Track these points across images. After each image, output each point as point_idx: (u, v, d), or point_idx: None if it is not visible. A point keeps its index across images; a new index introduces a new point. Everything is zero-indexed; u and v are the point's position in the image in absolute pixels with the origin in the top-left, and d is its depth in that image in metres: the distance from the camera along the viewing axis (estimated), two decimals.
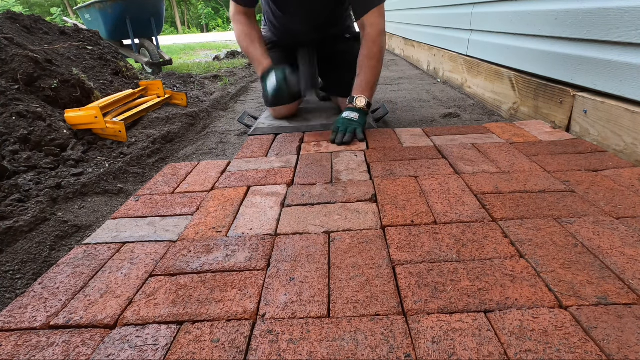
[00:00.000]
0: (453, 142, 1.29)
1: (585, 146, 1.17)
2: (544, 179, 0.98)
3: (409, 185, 1.00)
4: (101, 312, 0.63)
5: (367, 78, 1.46)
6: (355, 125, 1.40)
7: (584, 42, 1.27)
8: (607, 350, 0.50)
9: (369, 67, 1.46)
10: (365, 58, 1.45)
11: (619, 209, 0.83)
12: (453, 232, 0.78)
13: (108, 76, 2.22)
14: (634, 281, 0.61)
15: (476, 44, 2.11)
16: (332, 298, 0.63)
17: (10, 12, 2.24)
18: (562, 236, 0.74)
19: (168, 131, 1.68)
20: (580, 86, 1.29)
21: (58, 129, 1.49)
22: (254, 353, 0.53)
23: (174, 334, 0.57)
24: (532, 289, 0.61)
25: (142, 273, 0.72)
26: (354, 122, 1.41)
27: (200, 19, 29.95)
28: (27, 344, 0.57)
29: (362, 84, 1.46)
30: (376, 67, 1.47)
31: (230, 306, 0.62)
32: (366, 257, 0.72)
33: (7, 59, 1.68)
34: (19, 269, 0.81)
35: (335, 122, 1.45)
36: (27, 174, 1.23)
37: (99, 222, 1.00)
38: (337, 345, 0.54)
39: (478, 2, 2.08)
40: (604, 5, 1.17)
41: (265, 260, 0.74)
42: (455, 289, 0.62)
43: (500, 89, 1.82)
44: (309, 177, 1.09)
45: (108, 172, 1.27)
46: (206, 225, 0.88)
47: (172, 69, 3.87)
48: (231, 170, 1.18)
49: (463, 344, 0.52)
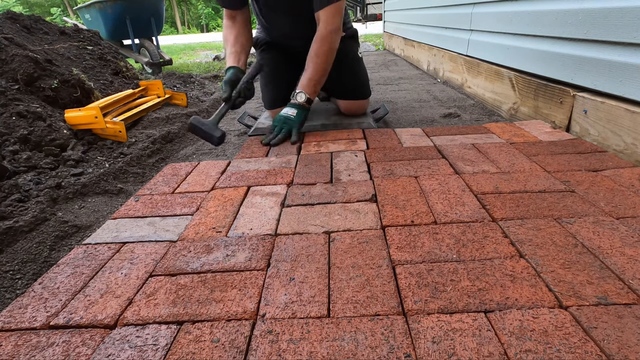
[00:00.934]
0: (453, 142, 1.29)
1: (585, 146, 1.17)
2: (544, 179, 0.98)
3: (409, 185, 1.00)
4: (101, 312, 0.63)
5: (310, 75, 1.45)
6: (291, 124, 1.43)
7: (584, 42, 1.27)
8: (607, 350, 0.50)
9: (314, 64, 1.45)
10: (314, 55, 1.45)
11: (619, 209, 0.83)
12: (453, 232, 0.78)
13: (108, 76, 2.22)
14: (634, 281, 0.61)
15: (476, 44, 2.11)
16: (332, 298, 0.63)
17: (10, 12, 2.24)
18: (562, 236, 0.74)
19: (168, 131, 1.68)
20: (580, 86, 1.29)
21: (58, 129, 1.49)
22: (254, 353, 0.53)
23: (174, 334, 0.57)
24: (532, 289, 0.61)
25: (142, 273, 0.72)
26: (290, 121, 1.44)
27: (200, 19, 29.95)
28: (27, 344, 0.57)
29: (304, 81, 1.46)
30: (321, 65, 1.45)
31: (230, 306, 0.62)
32: (366, 257, 0.72)
33: (7, 59, 1.68)
34: (19, 269, 0.81)
35: (273, 121, 1.49)
36: (27, 174, 1.23)
37: (99, 222, 1.00)
38: (337, 345, 0.54)
39: (478, 2, 2.08)
40: (604, 5, 1.17)
41: (265, 260, 0.74)
42: (455, 289, 0.62)
43: (500, 89, 1.82)
44: (309, 177, 1.09)
45: (108, 172, 1.27)
46: (206, 225, 0.88)
47: (172, 69, 3.87)
48: (231, 170, 1.18)
49: (463, 344, 0.52)
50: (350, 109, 1.69)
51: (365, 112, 1.73)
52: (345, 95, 1.69)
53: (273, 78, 1.71)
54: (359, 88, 1.69)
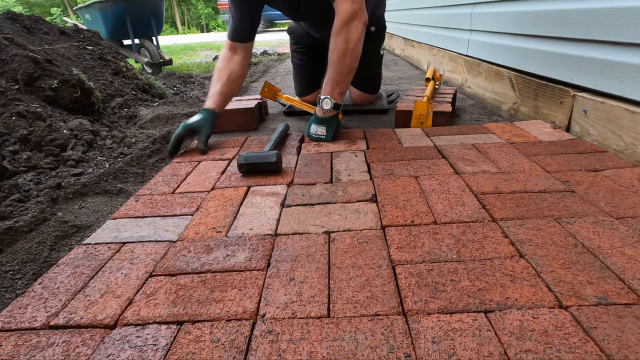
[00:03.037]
0: (453, 142, 1.29)
1: (585, 146, 1.17)
2: (544, 179, 0.98)
3: (409, 185, 1.00)
4: (101, 312, 0.63)
5: (331, 75, 1.32)
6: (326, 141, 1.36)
7: (584, 42, 1.27)
8: (607, 350, 0.50)
9: (332, 63, 1.31)
10: (331, 52, 1.30)
11: (619, 209, 0.83)
12: (453, 232, 0.78)
13: (108, 76, 2.22)
14: (634, 281, 0.61)
15: (476, 44, 2.11)
16: (332, 298, 0.63)
17: (11, 12, 2.24)
18: (562, 236, 0.74)
19: (168, 131, 1.68)
20: (580, 86, 1.29)
21: (58, 129, 1.49)
22: (254, 353, 0.53)
23: (174, 334, 0.57)
24: (532, 289, 0.61)
25: (142, 273, 0.72)
26: (323, 140, 1.37)
27: (200, 19, 29.94)
28: (27, 344, 0.57)
29: (327, 83, 1.34)
30: (340, 62, 1.29)
31: (230, 306, 0.62)
32: (366, 257, 0.72)
33: (7, 59, 1.68)
34: (19, 269, 0.81)
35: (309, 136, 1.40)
36: (27, 174, 1.23)
37: (99, 222, 1.00)
38: (337, 345, 0.54)
39: (478, 2, 2.08)
40: (604, 5, 1.17)
41: (265, 260, 0.74)
42: (455, 289, 0.62)
43: (500, 89, 1.82)
44: (309, 177, 1.09)
45: (108, 172, 1.27)
46: (206, 225, 0.88)
47: (172, 69, 3.87)
48: (231, 170, 1.18)
49: (463, 344, 0.52)
50: (359, 99, 1.90)
51: (380, 95, 1.99)
52: (359, 86, 1.85)
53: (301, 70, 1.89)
54: (373, 84, 1.89)
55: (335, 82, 1.33)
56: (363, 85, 1.87)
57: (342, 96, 1.36)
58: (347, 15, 1.26)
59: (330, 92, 1.33)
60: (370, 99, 1.91)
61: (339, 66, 1.31)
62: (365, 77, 1.81)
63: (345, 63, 1.30)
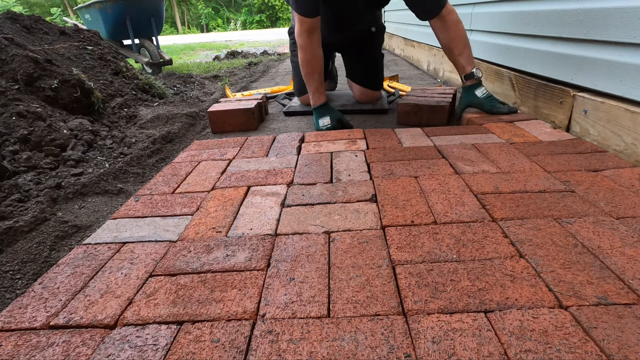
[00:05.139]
0: (453, 142, 1.29)
1: (585, 146, 1.17)
2: (544, 179, 0.98)
3: (409, 185, 1.00)
4: (101, 312, 0.63)
5: (462, 52, 1.53)
6: (495, 101, 1.53)
7: (584, 42, 1.27)
8: (607, 350, 0.50)
9: (457, 39, 1.52)
10: (446, 33, 1.53)
11: (619, 209, 0.83)
12: (453, 232, 0.78)
13: (108, 76, 2.22)
14: (634, 281, 0.61)
15: (476, 44, 2.11)
16: (332, 298, 0.63)
17: (11, 12, 2.24)
18: (562, 236, 0.74)
19: (168, 131, 1.68)
20: (580, 86, 1.29)
21: (58, 129, 1.49)
22: (254, 353, 0.53)
23: (174, 334, 0.57)
24: (532, 289, 0.61)
25: (142, 273, 0.72)
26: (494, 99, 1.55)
27: (200, 19, 29.94)
28: (27, 344, 0.57)
29: (470, 58, 1.54)
30: (464, 39, 1.54)
31: (230, 306, 0.62)
32: (366, 257, 0.72)
33: (7, 59, 1.68)
34: (19, 269, 0.81)
35: (481, 102, 1.53)
36: (27, 174, 1.23)
37: (99, 222, 1.00)
38: (337, 345, 0.54)
39: (478, 2, 2.08)
40: (604, 5, 1.17)
41: (265, 260, 0.74)
42: (455, 289, 0.62)
43: (500, 89, 1.82)
44: (309, 177, 1.09)
45: (108, 172, 1.27)
46: (206, 225, 0.88)
47: (172, 69, 3.87)
48: (231, 170, 1.18)
49: (463, 344, 0.52)
50: (364, 96, 1.94)
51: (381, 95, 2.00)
52: (364, 82, 1.91)
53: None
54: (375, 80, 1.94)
55: (469, 57, 1.53)
56: (367, 82, 1.91)
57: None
58: (453, 11, 1.53)
59: (472, 63, 1.54)
60: (375, 96, 1.95)
61: (464, 43, 1.53)
62: (369, 74, 1.89)
63: (466, 40, 1.54)
